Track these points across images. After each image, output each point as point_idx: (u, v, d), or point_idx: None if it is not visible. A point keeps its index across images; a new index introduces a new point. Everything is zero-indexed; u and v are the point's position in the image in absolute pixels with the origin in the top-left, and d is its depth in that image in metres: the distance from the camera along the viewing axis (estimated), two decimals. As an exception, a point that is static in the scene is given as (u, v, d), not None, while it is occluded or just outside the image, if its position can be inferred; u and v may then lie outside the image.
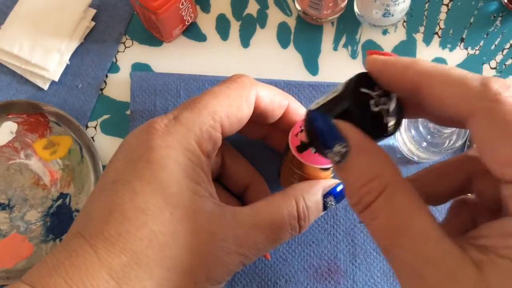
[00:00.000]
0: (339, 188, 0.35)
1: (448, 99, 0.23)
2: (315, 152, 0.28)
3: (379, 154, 0.24)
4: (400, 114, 0.26)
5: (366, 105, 0.25)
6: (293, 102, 0.37)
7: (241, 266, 0.32)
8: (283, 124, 0.37)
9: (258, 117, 0.35)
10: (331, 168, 0.35)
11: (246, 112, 0.33)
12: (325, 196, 0.34)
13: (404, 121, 0.44)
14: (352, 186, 0.24)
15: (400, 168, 0.45)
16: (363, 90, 0.25)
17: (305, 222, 0.33)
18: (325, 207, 0.35)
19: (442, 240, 0.22)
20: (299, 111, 0.37)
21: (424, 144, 0.43)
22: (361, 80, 0.26)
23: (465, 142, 0.44)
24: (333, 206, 0.35)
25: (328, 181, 0.35)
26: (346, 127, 0.24)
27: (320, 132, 0.25)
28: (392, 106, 0.25)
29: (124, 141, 0.32)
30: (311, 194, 0.34)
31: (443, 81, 0.23)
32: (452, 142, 0.42)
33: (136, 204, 0.28)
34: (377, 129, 0.25)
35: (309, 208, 0.33)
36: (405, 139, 0.44)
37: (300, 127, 0.34)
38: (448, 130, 0.41)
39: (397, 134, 0.46)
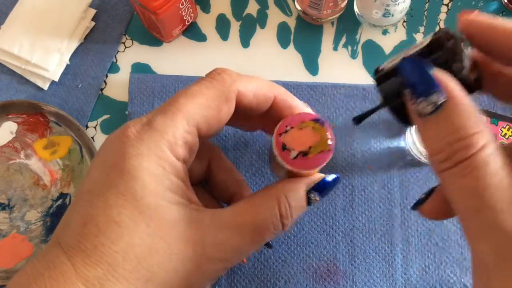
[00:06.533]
0: (330, 178, 0.34)
1: None
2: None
3: (476, 110, 0.23)
4: (480, 75, 0.25)
5: (461, 57, 0.24)
6: (281, 93, 0.35)
7: (224, 271, 0.31)
8: (272, 116, 0.35)
9: (242, 112, 0.34)
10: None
11: (225, 113, 0.32)
12: (309, 191, 0.33)
13: None
14: (443, 140, 0.23)
15: (409, 171, 0.45)
16: (456, 44, 0.24)
17: (287, 220, 0.32)
18: (309, 203, 0.33)
19: None
20: (287, 102, 0.35)
21: None
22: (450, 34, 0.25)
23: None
24: (318, 201, 0.34)
25: (313, 176, 0.34)
26: (446, 77, 0.23)
27: (419, 79, 0.23)
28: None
29: (101, 148, 0.31)
30: (293, 192, 0.32)
31: None
32: None
33: (109, 216, 0.28)
34: (470, 82, 0.24)
35: (291, 206, 0.32)
36: (415, 139, 0.44)
37: (286, 126, 0.32)
38: None
39: (407, 134, 0.45)
